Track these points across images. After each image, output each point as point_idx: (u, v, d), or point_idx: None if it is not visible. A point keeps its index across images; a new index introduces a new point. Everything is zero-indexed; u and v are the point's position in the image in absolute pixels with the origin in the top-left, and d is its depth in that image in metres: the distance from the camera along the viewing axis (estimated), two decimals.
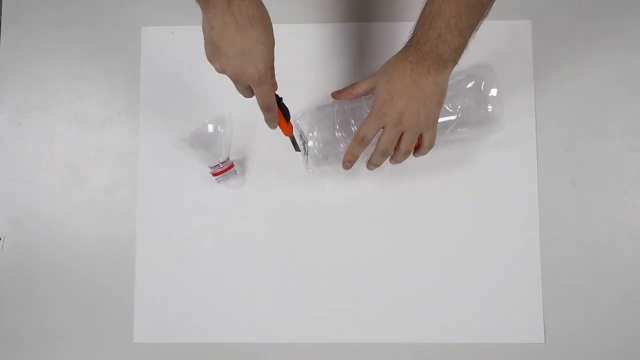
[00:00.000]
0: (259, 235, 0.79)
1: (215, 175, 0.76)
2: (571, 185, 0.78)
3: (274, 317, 0.77)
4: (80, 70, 0.82)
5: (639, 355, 0.75)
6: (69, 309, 0.79)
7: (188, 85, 0.81)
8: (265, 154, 0.79)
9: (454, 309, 0.77)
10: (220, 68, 0.61)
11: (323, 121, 0.74)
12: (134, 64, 0.81)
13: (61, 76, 0.82)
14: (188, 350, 0.77)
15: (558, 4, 0.81)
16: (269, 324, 0.77)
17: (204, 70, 0.79)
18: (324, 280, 0.78)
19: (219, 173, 0.76)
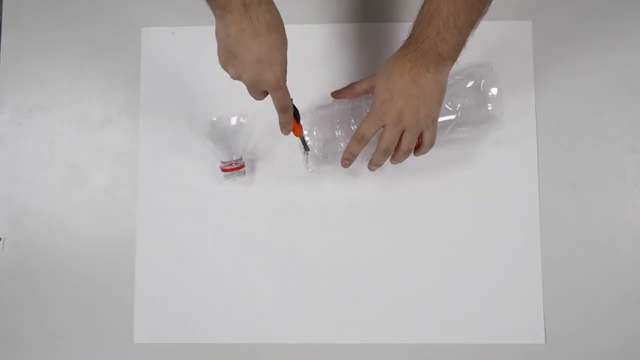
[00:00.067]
0: (259, 235, 0.78)
1: (224, 170, 0.76)
2: (571, 185, 0.78)
3: (274, 318, 0.77)
4: (80, 70, 0.82)
5: (639, 356, 0.75)
6: (69, 309, 0.78)
7: (188, 86, 0.81)
8: (265, 154, 0.79)
9: (454, 310, 0.77)
10: (235, 74, 0.60)
11: (323, 121, 0.74)
12: (134, 64, 0.81)
13: (61, 76, 0.82)
14: (188, 350, 0.77)
15: (558, 4, 0.81)
16: (269, 324, 0.77)
17: (204, 71, 0.80)
18: (324, 281, 0.78)
19: (230, 169, 0.75)
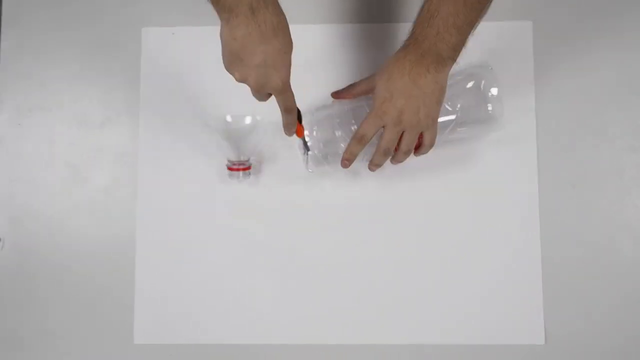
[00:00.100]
0: (259, 235, 0.78)
1: (231, 169, 0.75)
2: (571, 185, 0.78)
3: (274, 318, 0.77)
4: (80, 70, 0.82)
5: (639, 356, 0.75)
6: (69, 309, 0.78)
7: (188, 86, 0.81)
8: (265, 154, 0.79)
9: (454, 310, 0.77)
10: (241, 78, 0.60)
11: (323, 121, 0.74)
12: (134, 64, 0.81)
13: (61, 76, 0.82)
14: (188, 351, 0.77)
15: (558, 4, 0.81)
16: (269, 325, 0.77)
17: (204, 71, 0.80)
18: (323, 281, 0.78)
19: (237, 169, 0.75)
